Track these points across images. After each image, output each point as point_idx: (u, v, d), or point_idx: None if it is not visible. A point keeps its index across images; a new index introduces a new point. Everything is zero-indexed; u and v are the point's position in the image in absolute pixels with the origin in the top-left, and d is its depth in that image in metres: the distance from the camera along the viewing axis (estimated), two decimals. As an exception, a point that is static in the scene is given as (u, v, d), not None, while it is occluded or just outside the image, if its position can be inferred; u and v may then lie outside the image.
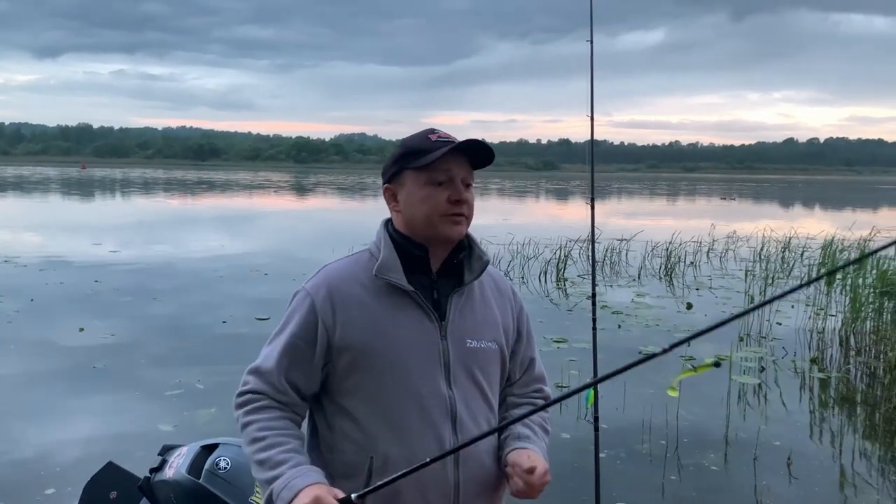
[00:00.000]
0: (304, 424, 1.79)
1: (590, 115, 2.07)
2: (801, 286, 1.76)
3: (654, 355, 1.59)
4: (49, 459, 4.65)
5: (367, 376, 1.64)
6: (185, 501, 2.44)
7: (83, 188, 45.95)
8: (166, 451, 2.63)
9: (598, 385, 2.15)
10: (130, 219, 24.74)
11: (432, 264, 1.72)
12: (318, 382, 1.70)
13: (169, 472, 2.50)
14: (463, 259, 1.75)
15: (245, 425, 1.66)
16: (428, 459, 1.54)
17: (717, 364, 1.50)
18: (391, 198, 1.75)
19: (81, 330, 8.05)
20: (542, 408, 1.79)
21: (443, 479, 1.65)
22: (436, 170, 1.66)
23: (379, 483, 1.55)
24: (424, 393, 1.65)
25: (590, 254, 14.25)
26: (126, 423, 5.37)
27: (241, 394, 1.71)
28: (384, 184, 1.76)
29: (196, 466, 2.47)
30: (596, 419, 2.35)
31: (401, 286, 1.66)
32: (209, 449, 2.53)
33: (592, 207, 2.12)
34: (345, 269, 1.72)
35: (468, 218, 1.71)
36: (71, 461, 4.57)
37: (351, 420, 1.66)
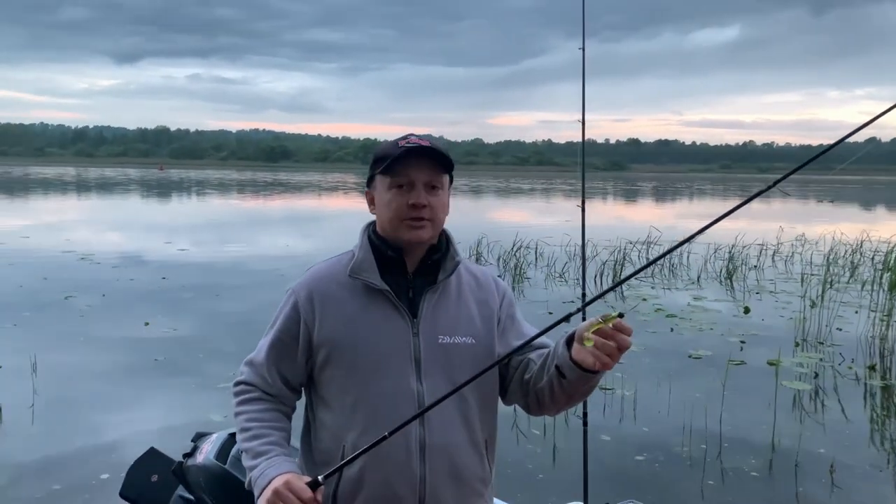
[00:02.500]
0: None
1: (581, 119, 2.12)
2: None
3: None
4: (106, 446, 4.93)
5: (340, 370, 1.76)
6: (213, 485, 2.60)
7: (160, 189, 47.70)
8: (198, 437, 2.80)
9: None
10: (201, 219, 25.63)
11: (408, 264, 1.82)
12: (303, 375, 1.84)
13: (199, 458, 2.66)
14: (439, 259, 1.83)
15: (237, 414, 1.85)
16: (387, 434, 1.61)
17: (620, 315, 1.58)
18: (370, 201, 1.88)
19: (147, 324, 8.45)
20: (530, 340, 1.78)
21: (408, 471, 1.72)
22: (398, 174, 1.76)
23: (339, 465, 1.66)
24: (393, 387, 1.73)
25: (647, 257, 13.97)
26: (180, 412, 5.64)
27: (237, 384, 1.90)
28: (365, 188, 1.90)
29: (223, 452, 2.62)
30: (584, 414, 2.38)
31: (374, 285, 1.77)
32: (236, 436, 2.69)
33: (583, 211, 2.17)
34: (326, 270, 1.86)
35: (433, 220, 1.78)
36: (125, 448, 4.82)
37: (328, 410, 1.78)
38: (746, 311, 10.00)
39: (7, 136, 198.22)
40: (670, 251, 1.84)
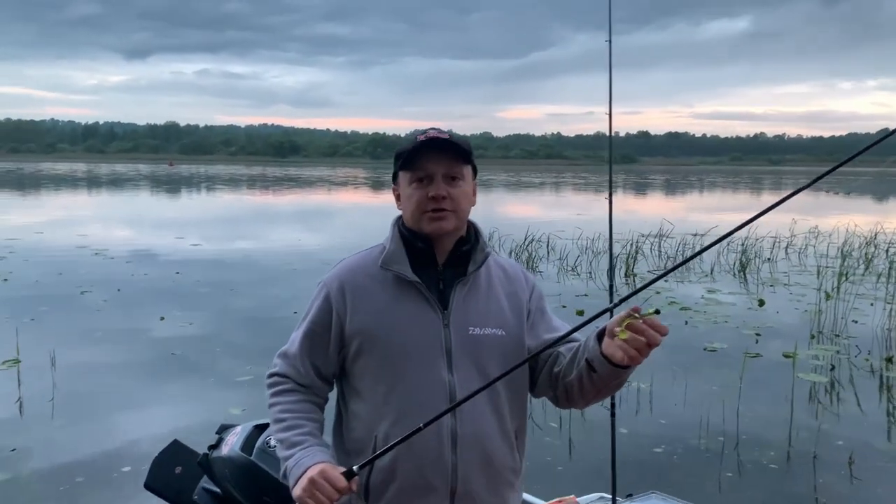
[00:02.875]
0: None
1: (608, 112, 2.11)
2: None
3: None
4: (127, 439, 4.98)
5: (372, 360, 1.77)
6: (238, 477, 2.62)
7: (170, 185, 47.92)
8: (223, 429, 2.82)
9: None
10: (212, 214, 25.74)
11: (438, 256, 1.82)
12: (335, 365, 1.85)
13: (224, 450, 2.69)
14: (468, 251, 1.84)
15: (271, 405, 1.86)
16: (421, 425, 1.63)
17: (657, 312, 1.58)
18: (397, 198, 1.89)
19: (162, 319, 8.50)
20: (565, 336, 1.79)
21: (440, 461, 1.73)
22: (416, 168, 1.79)
23: (374, 455, 1.68)
24: (424, 378, 1.74)
25: (660, 249, 13.97)
26: (199, 406, 5.69)
27: (270, 375, 1.90)
28: (392, 184, 1.92)
29: (248, 444, 2.65)
30: (612, 405, 2.38)
31: (405, 277, 1.78)
32: (261, 428, 2.71)
33: (610, 203, 2.17)
34: (357, 262, 1.87)
35: (455, 211, 1.79)
36: (146, 441, 4.87)
37: (360, 400, 1.80)
38: (761, 303, 9.96)
39: (18, 133, 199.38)
40: (714, 244, 1.83)
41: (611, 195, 2.08)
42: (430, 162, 1.77)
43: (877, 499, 4.33)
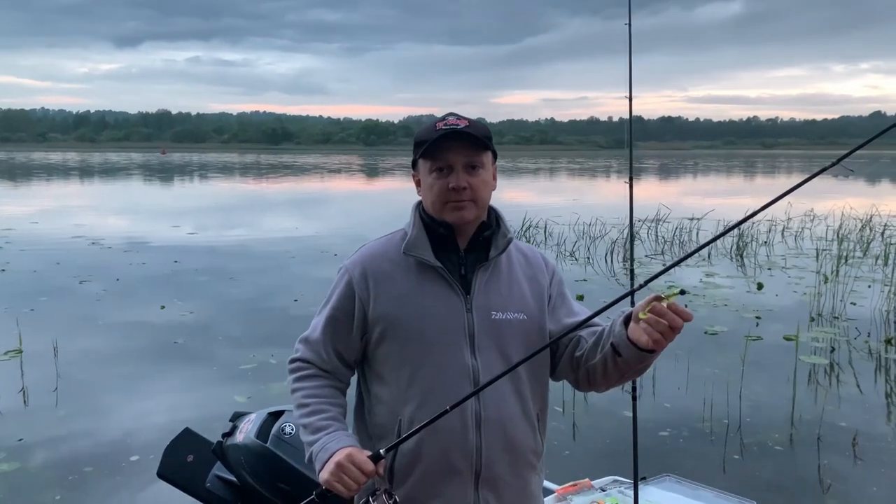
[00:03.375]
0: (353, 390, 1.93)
1: (629, 95, 2.11)
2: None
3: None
4: (133, 429, 4.99)
5: (395, 345, 1.77)
6: (254, 463, 2.63)
7: (163, 173, 47.72)
8: (237, 417, 2.83)
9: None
10: (208, 202, 25.65)
11: (459, 242, 1.83)
12: (358, 351, 1.85)
13: (239, 437, 2.69)
14: (490, 236, 1.85)
15: (294, 391, 1.85)
16: (448, 408, 1.65)
17: (682, 292, 1.62)
18: (417, 183, 1.89)
19: (163, 308, 8.49)
20: (587, 319, 1.81)
21: (464, 443, 1.75)
22: (437, 158, 1.79)
23: (401, 438, 1.69)
24: (448, 361, 1.75)
25: (657, 233, 14.02)
26: (204, 394, 5.69)
27: (293, 360, 1.89)
28: (412, 170, 1.91)
29: (264, 431, 2.65)
30: (634, 388, 2.39)
31: (428, 262, 1.79)
32: (276, 415, 2.71)
33: (631, 188, 2.17)
34: (379, 248, 1.87)
35: (475, 201, 1.79)
36: (153, 430, 4.88)
37: (384, 385, 1.80)
38: (760, 287, 10.00)
39: (9, 122, 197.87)
40: (736, 227, 1.84)
41: (631, 180, 2.09)
42: (451, 152, 1.77)
43: (881, 479, 4.37)
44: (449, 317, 1.77)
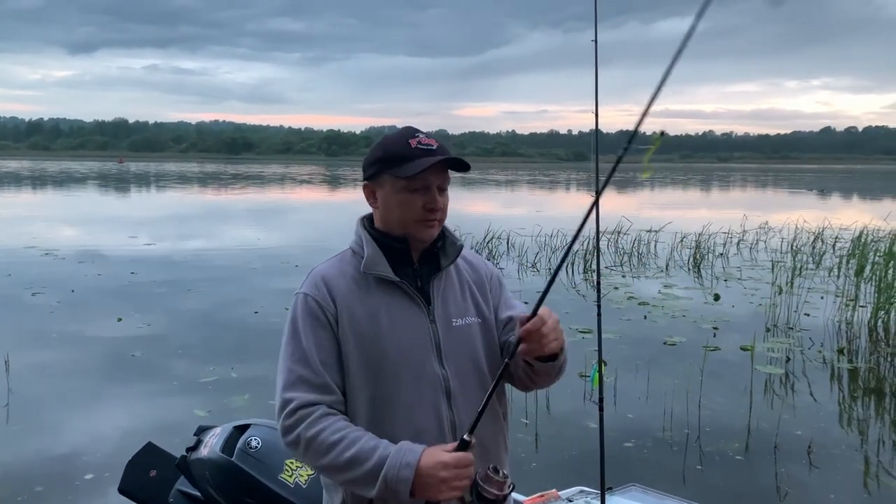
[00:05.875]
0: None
1: (594, 111, 2.15)
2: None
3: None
4: (88, 446, 4.86)
5: (367, 366, 1.74)
6: (219, 478, 2.58)
7: (120, 182, 46.84)
8: (201, 431, 2.78)
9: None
10: (165, 212, 25.23)
11: (413, 255, 1.84)
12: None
13: (204, 451, 2.64)
14: (441, 246, 1.88)
15: (312, 439, 1.66)
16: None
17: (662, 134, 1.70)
18: (370, 195, 1.84)
19: (119, 320, 8.32)
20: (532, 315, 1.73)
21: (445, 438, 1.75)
22: (413, 178, 1.75)
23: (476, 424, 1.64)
24: (420, 374, 1.75)
25: (616, 245, 14.20)
26: (163, 408, 5.58)
27: (292, 412, 1.68)
28: (364, 180, 1.84)
29: (229, 445, 2.61)
30: (601, 400, 2.43)
31: (388, 278, 1.78)
32: (241, 429, 2.68)
33: (597, 201, 2.19)
34: (334, 268, 1.82)
35: (441, 221, 1.82)
36: (110, 447, 4.77)
37: (358, 404, 1.75)
38: (716, 298, 10.19)
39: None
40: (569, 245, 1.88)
41: (598, 193, 2.10)
42: (430, 173, 1.75)
43: (836, 485, 4.48)
44: (415, 330, 1.78)
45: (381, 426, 1.73)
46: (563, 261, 1.87)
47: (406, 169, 1.73)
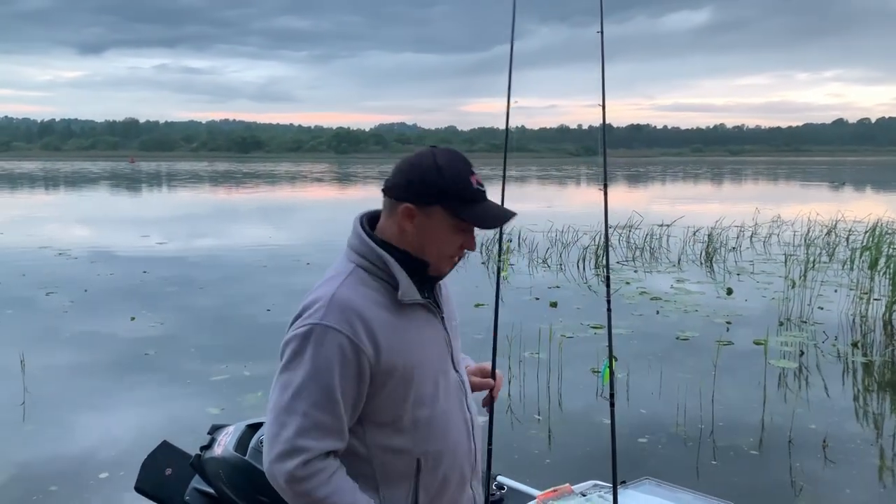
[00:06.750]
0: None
1: (601, 104, 2.14)
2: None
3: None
4: (103, 444, 4.89)
5: (406, 389, 1.66)
6: (233, 477, 2.59)
7: (132, 182, 47.08)
8: (215, 429, 2.79)
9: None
10: (177, 211, 25.35)
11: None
12: None
13: (217, 450, 2.65)
14: None
15: (322, 499, 1.58)
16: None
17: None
18: (409, 217, 1.66)
19: (132, 319, 8.37)
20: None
21: (468, 452, 1.79)
22: (471, 222, 1.68)
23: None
24: (447, 385, 1.75)
25: (628, 240, 14.19)
26: (176, 406, 5.61)
27: (305, 463, 1.57)
28: (407, 200, 1.65)
29: (242, 444, 2.61)
30: (611, 395, 2.42)
31: (418, 301, 1.70)
32: (254, 427, 2.68)
33: (605, 195, 2.20)
34: (359, 296, 1.64)
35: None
36: (124, 445, 4.80)
37: (393, 431, 1.67)
38: (729, 292, 10.14)
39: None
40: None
41: (605, 186, 2.09)
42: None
43: (852, 479, 4.45)
44: (439, 343, 1.76)
45: (425, 445, 1.69)
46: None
47: (472, 213, 1.65)
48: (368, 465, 1.67)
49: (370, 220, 1.75)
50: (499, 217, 1.68)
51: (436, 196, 1.64)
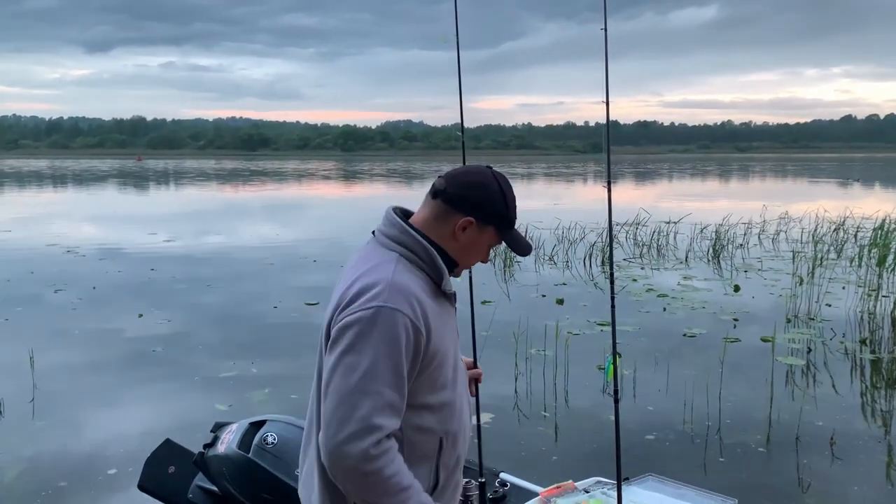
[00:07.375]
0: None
1: (605, 101, 2.13)
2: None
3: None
4: (111, 441, 4.91)
5: (441, 371, 1.80)
6: (236, 474, 2.60)
7: (139, 180, 47.24)
8: (218, 427, 2.80)
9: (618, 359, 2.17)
10: (184, 209, 25.43)
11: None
12: None
13: (221, 448, 2.66)
14: None
15: (390, 476, 1.64)
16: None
17: None
18: (461, 228, 1.82)
19: (140, 316, 8.40)
20: None
21: (470, 425, 1.97)
22: (502, 241, 1.92)
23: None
24: (459, 367, 1.91)
25: (635, 237, 14.17)
26: (184, 403, 5.63)
27: (379, 442, 1.62)
28: (470, 215, 1.81)
29: (245, 441, 2.63)
30: (616, 392, 2.41)
31: (449, 292, 1.88)
32: (257, 425, 2.69)
33: (609, 192, 2.21)
34: (414, 284, 1.75)
35: None
36: (132, 442, 4.81)
37: (427, 413, 1.76)
38: (736, 289, 10.10)
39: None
40: None
41: (609, 183, 2.10)
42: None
43: (859, 477, 4.42)
44: (453, 329, 1.92)
45: (447, 425, 1.82)
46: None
47: (514, 241, 1.90)
48: (400, 445, 1.71)
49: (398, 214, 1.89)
50: (526, 248, 1.93)
51: (495, 219, 1.85)
